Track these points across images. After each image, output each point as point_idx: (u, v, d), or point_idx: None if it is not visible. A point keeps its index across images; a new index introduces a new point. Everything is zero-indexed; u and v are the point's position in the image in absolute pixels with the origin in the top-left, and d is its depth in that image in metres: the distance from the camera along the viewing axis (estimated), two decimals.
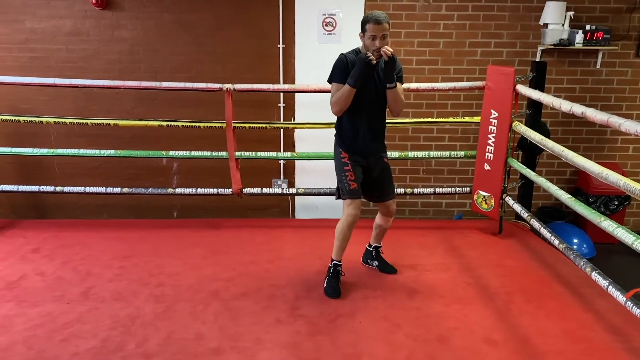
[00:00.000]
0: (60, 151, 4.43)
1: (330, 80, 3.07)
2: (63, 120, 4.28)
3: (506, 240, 4.08)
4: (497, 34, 4.81)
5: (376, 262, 3.54)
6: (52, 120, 4.29)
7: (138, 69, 4.85)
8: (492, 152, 4.01)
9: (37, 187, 4.43)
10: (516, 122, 3.88)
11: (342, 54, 3.04)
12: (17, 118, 4.28)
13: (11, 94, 4.81)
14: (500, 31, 4.80)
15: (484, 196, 4.15)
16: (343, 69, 2.99)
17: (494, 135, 3.98)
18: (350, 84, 2.94)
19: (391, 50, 2.91)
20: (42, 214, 5.14)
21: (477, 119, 4.18)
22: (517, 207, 3.94)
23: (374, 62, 2.90)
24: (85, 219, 4.76)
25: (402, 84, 3.15)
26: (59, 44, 4.82)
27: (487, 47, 4.84)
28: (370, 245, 3.56)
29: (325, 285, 3.22)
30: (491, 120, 3.97)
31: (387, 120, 3.23)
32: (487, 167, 4.08)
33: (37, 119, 4.31)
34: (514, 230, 4.28)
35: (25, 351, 2.56)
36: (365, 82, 2.99)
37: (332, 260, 3.23)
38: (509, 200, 4.05)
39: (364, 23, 2.93)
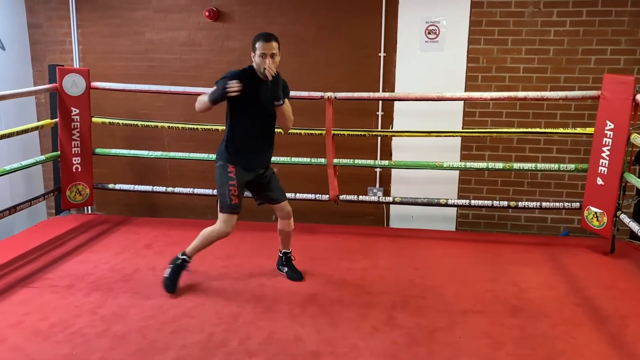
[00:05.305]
0: (172, 154, 4.73)
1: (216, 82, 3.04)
2: (175, 125, 4.58)
3: (619, 261, 3.80)
4: (614, 40, 4.51)
5: (286, 269, 3.53)
6: (166, 125, 4.60)
7: None
8: (607, 165, 3.76)
9: (150, 187, 4.78)
10: (635, 134, 3.61)
11: (237, 70, 3.12)
12: (135, 122, 4.64)
13: (130, 100, 5.22)
14: (618, 37, 4.50)
15: (596, 212, 3.89)
16: (229, 77, 3.00)
17: (608, 147, 3.74)
18: (210, 99, 2.94)
19: (274, 69, 3.00)
20: (153, 212, 5.51)
21: (590, 130, 3.95)
22: (634, 226, 3.66)
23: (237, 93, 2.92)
24: (192, 219, 5.02)
25: (289, 99, 3.25)
26: (174, 54, 5.17)
27: (602, 54, 4.55)
28: (280, 252, 3.57)
29: (166, 275, 3.24)
30: (606, 132, 3.73)
31: (491, 130, 3.15)
32: (600, 181, 3.83)
33: (152, 124, 4.64)
34: (627, 250, 3.98)
35: (140, 340, 2.74)
36: (257, 100, 3.07)
37: (185, 253, 3.27)
38: (624, 218, 3.77)
39: (254, 42, 3.07)
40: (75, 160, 4.58)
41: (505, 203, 4.32)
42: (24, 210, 4.28)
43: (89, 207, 5.28)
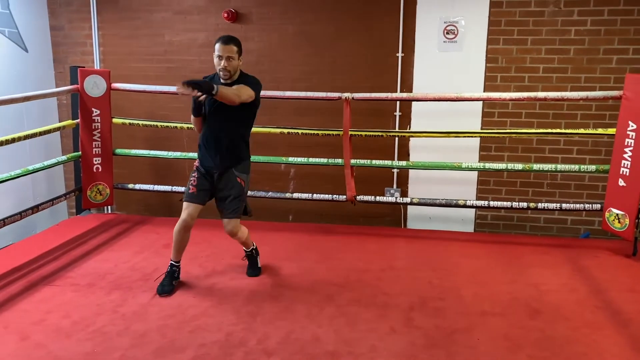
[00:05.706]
0: (191, 155, 4.76)
1: None
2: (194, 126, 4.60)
3: None
4: (636, 39, 4.44)
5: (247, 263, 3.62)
6: (185, 126, 4.63)
7: (262, 79, 4.94)
8: (629, 167, 3.71)
9: (170, 187, 4.82)
10: None
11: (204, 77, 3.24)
12: (155, 123, 4.68)
13: (150, 101, 5.27)
14: None
15: (617, 214, 3.84)
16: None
17: (631, 148, 3.69)
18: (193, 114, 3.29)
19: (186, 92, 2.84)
20: (172, 212, 5.52)
21: (611, 130, 3.90)
22: None
23: (202, 99, 3.01)
24: (209, 219, 5.05)
25: (250, 86, 3.18)
26: (193, 55, 5.21)
27: (624, 54, 4.48)
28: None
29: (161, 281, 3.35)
30: (628, 132, 3.68)
31: (510, 130, 3.11)
32: (622, 183, 3.78)
33: (171, 125, 4.68)
34: None
35: (159, 339, 2.77)
36: (213, 102, 3.13)
37: (171, 259, 3.37)
38: None
39: (215, 42, 3.13)
40: (95, 160, 4.65)
41: (524, 204, 4.29)
42: (45, 210, 4.36)
43: (109, 207, 5.35)
